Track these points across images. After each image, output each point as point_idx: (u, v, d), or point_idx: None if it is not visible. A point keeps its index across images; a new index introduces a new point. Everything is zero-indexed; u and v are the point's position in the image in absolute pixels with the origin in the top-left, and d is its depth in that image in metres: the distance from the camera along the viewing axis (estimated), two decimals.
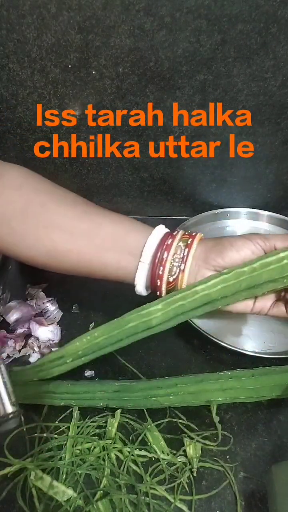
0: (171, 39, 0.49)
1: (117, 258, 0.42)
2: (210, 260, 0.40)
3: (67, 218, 0.43)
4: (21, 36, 0.49)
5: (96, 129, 0.59)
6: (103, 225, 0.43)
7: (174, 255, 0.41)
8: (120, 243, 0.42)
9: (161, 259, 0.41)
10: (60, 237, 0.42)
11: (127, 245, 0.42)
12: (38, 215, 0.42)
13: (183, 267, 0.41)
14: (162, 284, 0.41)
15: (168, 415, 0.45)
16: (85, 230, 0.43)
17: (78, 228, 0.43)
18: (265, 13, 0.47)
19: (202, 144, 0.61)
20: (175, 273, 0.41)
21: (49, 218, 0.43)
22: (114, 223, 0.43)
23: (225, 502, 0.40)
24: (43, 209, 0.43)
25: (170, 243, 0.41)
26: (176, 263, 0.41)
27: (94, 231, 0.43)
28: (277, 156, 0.63)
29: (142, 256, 0.41)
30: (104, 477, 0.40)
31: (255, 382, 0.45)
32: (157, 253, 0.41)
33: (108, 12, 0.47)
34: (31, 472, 0.40)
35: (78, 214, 0.43)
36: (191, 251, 0.41)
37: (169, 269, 0.41)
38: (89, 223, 0.43)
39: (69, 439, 0.43)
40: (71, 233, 0.42)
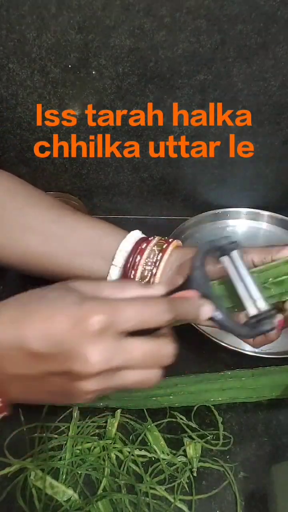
0: (171, 39, 0.49)
1: (90, 262, 0.42)
2: (185, 268, 0.39)
3: (42, 221, 0.43)
4: (21, 36, 0.49)
5: (96, 129, 0.59)
6: (78, 229, 0.43)
7: (147, 259, 0.40)
8: (93, 247, 0.42)
9: (134, 263, 0.40)
10: (34, 240, 0.42)
11: (101, 249, 0.42)
12: (13, 218, 0.42)
13: (155, 271, 0.40)
14: None
15: (168, 415, 0.45)
16: (59, 234, 0.42)
17: (52, 232, 0.42)
18: (265, 13, 0.47)
19: (202, 144, 0.61)
20: (147, 277, 0.40)
21: (24, 222, 0.42)
22: (89, 227, 0.43)
23: (225, 502, 0.40)
24: (18, 212, 0.42)
25: (144, 247, 0.41)
26: (148, 267, 0.40)
27: (68, 235, 0.42)
28: (277, 156, 0.63)
29: (114, 259, 0.41)
30: (104, 477, 0.40)
31: (255, 382, 0.45)
32: (130, 257, 0.40)
33: (108, 12, 0.47)
34: (31, 472, 0.40)
35: (53, 218, 0.43)
36: (164, 256, 0.40)
37: (141, 272, 0.40)
38: (64, 227, 0.43)
39: (69, 439, 0.42)
40: (45, 237, 0.42)
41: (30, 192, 0.45)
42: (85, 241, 0.42)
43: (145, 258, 0.40)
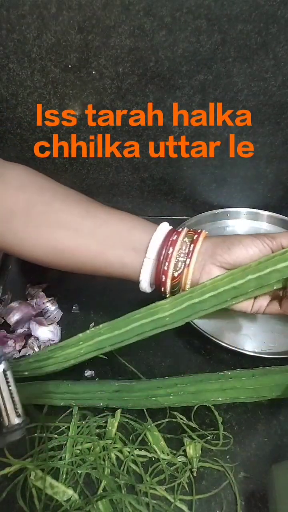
0: (171, 39, 0.49)
1: (122, 254, 0.42)
2: (217, 256, 0.41)
3: (71, 216, 0.43)
4: (21, 36, 0.49)
5: (96, 129, 0.59)
6: (107, 222, 0.43)
7: (179, 250, 0.41)
8: (124, 239, 0.42)
9: (167, 255, 0.41)
10: (64, 235, 0.42)
11: (132, 242, 0.42)
12: (41, 214, 0.42)
13: (188, 262, 0.41)
14: (167, 279, 0.42)
15: (168, 415, 0.45)
16: (89, 228, 0.43)
17: (82, 225, 0.43)
18: (265, 13, 0.47)
19: (202, 144, 0.61)
20: (180, 268, 0.41)
21: (53, 217, 0.43)
22: (118, 220, 0.43)
23: (225, 502, 0.40)
24: (46, 208, 0.43)
25: (176, 238, 0.41)
26: (181, 258, 0.41)
27: (98, 228, 0.43)
28: (277, 156, 0.63)
29: (148, 251, 0.41)
30: (104, 477, 0.40)
31: (255, 382, 0.45)
32: (163, 249, 0.41)
33: (108, 12, 0.47)
34: (31, 472, 0.40)
35: (82, 212, 0.43)
36: (196, 246, 0.41)
37: (174, 264, 0.41)
38: (93, 221, 0.43)
39: (69, 439, 0.43)
40: (75, 231, 0.42)
41: (57, 188, 0.45)
42: (116, 233, 0.43)
43: (177, 249, 0.41)
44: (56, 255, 0.43)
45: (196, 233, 0.43)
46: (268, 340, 0.52)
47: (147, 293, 0.45)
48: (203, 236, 0.42)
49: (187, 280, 0.42)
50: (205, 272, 0.41)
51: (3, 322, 0.55)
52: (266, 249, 0.40)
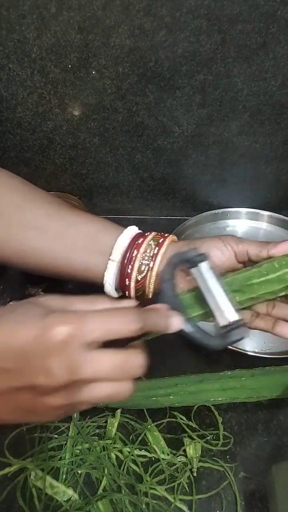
0: (171, 39, 0.49)
1: (87, 257, 0.42)
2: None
3: (39, 217, 0.43)
4: (21, 36, 0.49)
5: (96, 129, 0.59)
6: (75, 224, 0.43)
7: (144, 254, 0.41)
8: (91, 242, 0.42)
9: (131, 258, 0.40)
10: (32, 236, 0.42)
11: (98, 245, 0.42)
12: (11, 214, 0.42)
13: (152, 265, 0.40)
14: (131, 282, 0.41)
15: (168, 415, 0.45)
16: (57, 229, 0.42)
17: (49, 227, 0.42)
18: (265, 13, 0.47)
19: (202, 144, 0.61)
20: (144, 271, 0.40)
21: (22, 217, 0.42)
22: (87, 223, 0.43)
23: (225, 502, 0.40)
24: (15, 208, 0.42)
25: (141, 242, 0.41)
26: (145, 261, 0.40)
27: (65, 230, 0.42)
28: (277, 156, 0.63)
29: (112, 254, 0.41)
30: (104, 477, 0.40)
31: (255, 382, 0.45)
32: (127, 252, 0.41)
33: (108, 12, 0.47)
34: (31, 472, 0.40)
35: (51, 213, 0.43)
36: (161, 250, 0.40)
37: (138, 267, 0.40)
38: (61, 223, 0.43)
39: (69, 439, 0.43)
40: (42, 232, 0.42)
41: (29, 189, 0.45)
42: (83, 236, 0.42)
43: (142, 252, 0.40)
44: (23, 255, 0.43)
45: (163, 237, 0.42)
46: (268, 340, 0.52)
47: None
48: (169, 240, 0.42)
49: (150, 284, 0.41)
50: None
51: None
52: (229, 251, 0.39)
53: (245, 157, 0.63)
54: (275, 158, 0.63)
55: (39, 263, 0.43)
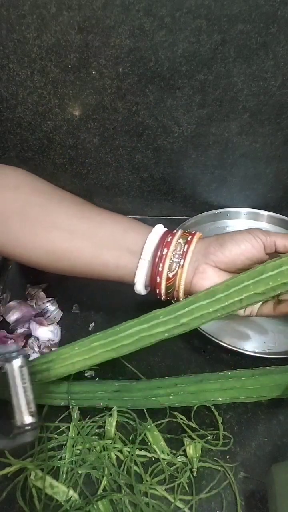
0: (171, 39, 0.49)
1: (117, 256, 0.42)
2: (210, 255, 0.41)
3: (66, 217, 0.43)
4: (21, 36, 0.49)
5: (96, 129, 0.59)
6: (102, 224, 0.43)
7: (174, 251, 0.41)
8: (119, 241, 0.42)
9: (161, 256, 0.41)
10: (59, 236, 0.42)
11: (127, 244, 0.42)
12: (37, 215, 0.43)
13: (182, 262, 0.41)
14: (162, 280, 0.42)
15: (168, 415, 0.45)
16: (84, 229, 0.43)
17: (77, 227, 0.43)
18: (265, 13, 0.47)
19: (202, 144, 0.61)
20: (175, 269, 0.41)
21: (48, 218, 0.43)
22: (113, 222, 0.44)
23: (225, 502, 0.40)
24: (41, 209, 0.43)
25: (170, 240, 0.42)
26: (175, 259, 0.41)
27: (93, 230, 0.43)
28: (277, 156, 0.63)
29: (143, 253, 0.41)
30: (104, 477, 0.40)
31: (255, 382, 0.45)
32: (158, 250, 0.41)
33: (108, 12, 0.47)
34: (31, 472, 0.40)
35: (77, 214, 0.43)
36: (190, 247, 0.41)
37: (169, 265, 0.41)
38: (88, 222, 0.43)
39: (69, 439, 0.43)
40: (70, 233, 0.42)
41: (53, 190, 0.45)
42: (110, 235, 0.43)
43: (172, 250, 0.41)
44: (51, 257, 0.43)
45: (191, 235, 0.43)
46: (268, 340, 0.52)
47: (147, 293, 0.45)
48: (197, 237, 0.42)
49: (181, 281, 0.41)
50: (199, 272, 0.41)
51: (2, 320, 0.55)
52: (259, 243, 0.40)
53: (245, 157, 0.63)
54: (275, 158, 0.63)
55: (68, 264, 0.44)
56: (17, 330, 0.54)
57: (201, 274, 0.41)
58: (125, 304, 0.57)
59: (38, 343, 0.52)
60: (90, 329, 0.54)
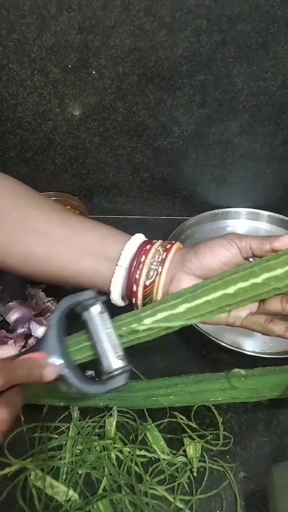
0: (171, 39, 0.49)
1: (94, 263, 0.42)
2: (186, 262, 0.40)
3: (45, 223, 0.42)
4: (21, 36, 0.49)
5: (96, 129, 0.59)
6: (81, 231, 0.43)
7: (152, 259, 0.41)
8: (97, 248, 0.42)
9: (139, 263, 0.41)
10: (36, 241, 0.42)
11: (105, 251, 0.42)
12: (15, 220, 0.42)
13: (160, 270, 0.40)
14: (139, 288, 0.41)
15: (168, 415, 0.45)
16: (63, 235, 0.42)
17: (55, 233, 0.42)
18: (265, 13, 0.47)
19: (202, 144, 0.61)
20: (152, 276, 0.41)
21: (27, 223, 0.42)
22: (92, 229, 0.43)
23: (225, 502, 0.40)
24: (19, 214, 0.42)
25: (149, 248, 0.41)
26: (154, 266, 0.41)
27: (71, 236, 0.42)
28: (277, 156, 0.63)
29: (120, 259, 0.41)
30: (104, 477, 0.40)
31: (255, 382, 0.45)
32: (135, 258, 0.41)
33: (108, 12, 0.47)
34: (31, 472, 0.40)
35: (56, 220, 0.43)
36: (169, 255, 0.41)
37: (147, 272, 0.41)
38: (67, 229, 0.43)
39: (69, 439, 0.43)
40: (48, 238, 0.42)
41: (33, 195, 0.45)
42: (89, 242, 0.42)
43: (150, 258, 0.41)
44: (29, 262, 0.43)
45: (170, 243, 0.42)
46: (268, 340, 0.52)
47: None
48: (176, 246, 0.42)
49: (158, 289, 0.41)
50: (175, 280, 0.40)
51: (2, 320, 0.55)
52: (234, 248, 0.39)
53: (245, 157, 0.63)
54: (275, 158, 0.63)
55: (45, 270, 0.43)
56: (17, 330, 0.54)
57: (177, 283, 0.40)
58: None
59: None
60: None
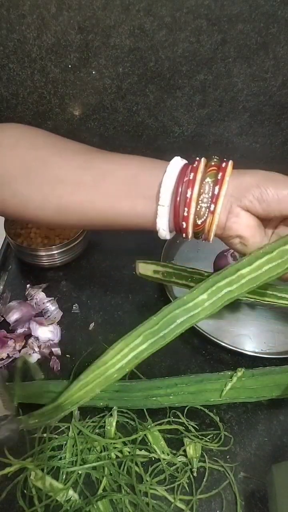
0: (171, 39, 0.49)
1: (131, 204, 0.39)
2: (245, 201, 0.36)
3: (70, 169, 0.40)
4: (21, 36, 0.49)
5: (96, 129, 0.59)
6: (110, 171, 0.39)
7: (202, 195, 0.36)
8: (130, 187, 0.38)
9: (185, 199, 0.36)
10: (65, 191, 0.39)
11: (140, 190, 0.38)
12: (39, 172, 0.40)
13: (213, 208, 0.36)
14: (189, 226, 0.37)
15: (168, 415, 0.45)
16: (91, 181, 0.39)
17: (82, 179, 0.39)
18: (265, 13, 0.47)
19: (202, 144, 0.61)
20: (204, 215, 0.37)
21: (51, 173, 0.39)
22: (122, 167, 0.39)
23: (225, 502, 0.40)
24: (43, 165, 0.40)
25: (193, 177, 0.36)
26: (204, 204, 0.36)
27: (100, 180, 0.39)
28: (277, 156, 0.63)
29: (160, 198, 0.37)
30: (104, 477, 0.40)
31: (255, 382, 0.45)
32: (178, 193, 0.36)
33: (108, 12, 0.47)
34: (31, 472, 0.40)
35: (82, 164, 0.40)
36: (222, 190, 0.36)
37: (197, 210, 0.36)
38: (95, 172, 0.39)
39: (69, 439, 0.43)
40: (76, 186, 0.39)
41: (53, 141, 0.42)
42: (120, 183, 0.39)
43: (197, 192, 0.36)
44: (62, 214, 0.40)
45: (220, 169, 0.37)
46: (268, 340, 0.52)
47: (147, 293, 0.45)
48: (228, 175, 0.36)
49: (211, 228, 0.37)
50: (233, 215, 0.37)
51: (2, 320, 0.55)
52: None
53: (245, 157, 0.63)
54: (275, 158, 0.63)
55: (82, 219, 0.41)
56: (17, 330, 0.54)
57: (235, 218, 0.37)
58: (126, 304, 0.57)
59: (38, 343, 0.52)
60: (90, 329, 0.54)
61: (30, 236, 0.61)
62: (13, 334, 0.53)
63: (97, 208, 0.39)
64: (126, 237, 0.64)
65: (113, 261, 0.62)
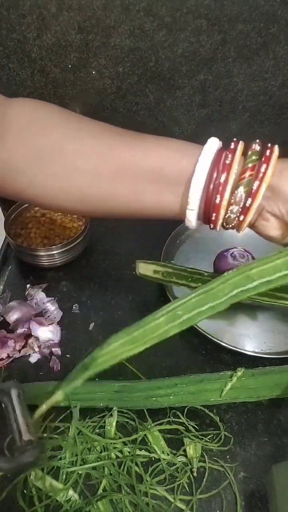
0: (171, 39, 0.49)
1: (155, 199, 0.36)
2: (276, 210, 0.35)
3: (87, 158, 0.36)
4: (21, 36, 0.49)
5: None
6: (133, 163, 0.36)
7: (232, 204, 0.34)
8: (157, 183, 0.35)
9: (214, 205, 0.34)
10: (84, 181, 0.36)
11: (165, 183, 0.35)
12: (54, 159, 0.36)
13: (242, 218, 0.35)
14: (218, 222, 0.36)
15: (168, 415, 0.45)
16: (111, 171, 0.36)
17: (102, 169, 0.35)
18: (265, 13, 0.47)
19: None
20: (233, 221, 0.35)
21: (67, 162, 0.36)
22: (146, 157, 0.36)
23: (225, 502, 0.40)
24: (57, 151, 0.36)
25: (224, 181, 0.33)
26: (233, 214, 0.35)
27: (121, 173, 0.35)
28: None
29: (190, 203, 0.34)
30: (104, 477, 0.40)
31: (255, 382, 0.45)
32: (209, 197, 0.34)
33: (108, 12, 0.47)
34: (31, 472, 0.40)
35: (99, 152, 0.36)
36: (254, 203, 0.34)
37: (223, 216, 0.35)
38: (115, 163, 0.35)
39: (69, 439, 0.42)
40: (96, 176, 0.36)
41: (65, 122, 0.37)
42: (144, 177, 0.35)
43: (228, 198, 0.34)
44: (85, 204, 0.37)
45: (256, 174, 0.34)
46: (268, 340, 0.52)
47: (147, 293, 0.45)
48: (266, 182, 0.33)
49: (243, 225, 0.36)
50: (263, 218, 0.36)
51: (2, 320, 0.55)
52: None
53: None
54: None
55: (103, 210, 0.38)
56: (17, 330, 0.54)
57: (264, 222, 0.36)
58: (126, 304, 0.57)
59: (38, 343, 0.52)
60: (90, 329, 0.54)
61: (30, 236, 0.61)
62: (13, 334, 0.53)
63: (119, 200, 0.37)
64: (126, 237, 0.64)
65: (113, 261, 0.62)
